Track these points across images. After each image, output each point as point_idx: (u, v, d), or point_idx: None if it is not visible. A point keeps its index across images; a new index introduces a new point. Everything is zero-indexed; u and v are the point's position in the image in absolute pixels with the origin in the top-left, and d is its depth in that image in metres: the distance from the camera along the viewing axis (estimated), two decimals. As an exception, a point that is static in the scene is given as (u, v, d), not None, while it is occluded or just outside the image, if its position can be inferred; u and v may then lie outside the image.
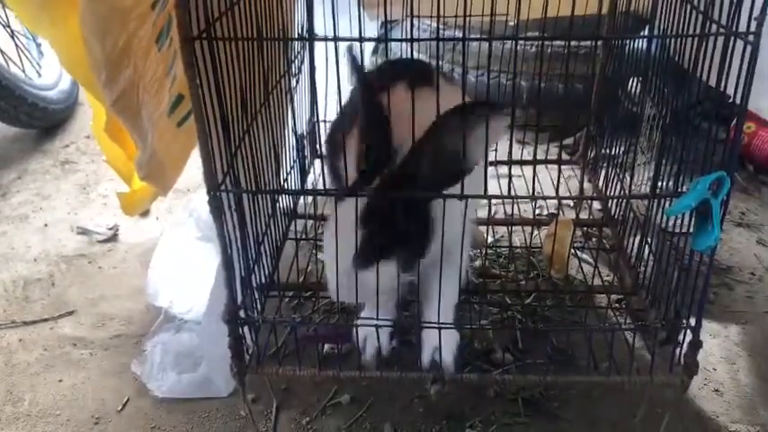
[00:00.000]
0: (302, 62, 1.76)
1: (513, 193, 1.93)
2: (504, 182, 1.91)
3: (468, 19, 1.36)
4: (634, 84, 1.79)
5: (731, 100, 1.04)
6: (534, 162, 1.56)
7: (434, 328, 1.23)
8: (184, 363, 1.54)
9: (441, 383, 1.25)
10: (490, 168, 1.98)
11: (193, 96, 1.05)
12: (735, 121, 1.05)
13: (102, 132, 1.36)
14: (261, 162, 1.32)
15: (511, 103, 2.36)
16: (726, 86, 1.06)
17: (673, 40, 1.35)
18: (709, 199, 1.04)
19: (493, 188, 1.93)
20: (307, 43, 1.81)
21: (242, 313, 1.25)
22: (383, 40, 1.38)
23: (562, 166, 2.15)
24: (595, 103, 1.98)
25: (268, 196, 1.43)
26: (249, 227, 1.28)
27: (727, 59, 1.03)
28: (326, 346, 1.48)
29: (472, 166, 1.05)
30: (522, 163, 2.10)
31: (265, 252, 1.44)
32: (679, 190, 1.14)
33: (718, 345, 1.61)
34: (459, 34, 2.47)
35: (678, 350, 1.24)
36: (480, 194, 1.15)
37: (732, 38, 1.01)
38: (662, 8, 1.41)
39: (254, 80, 1.23)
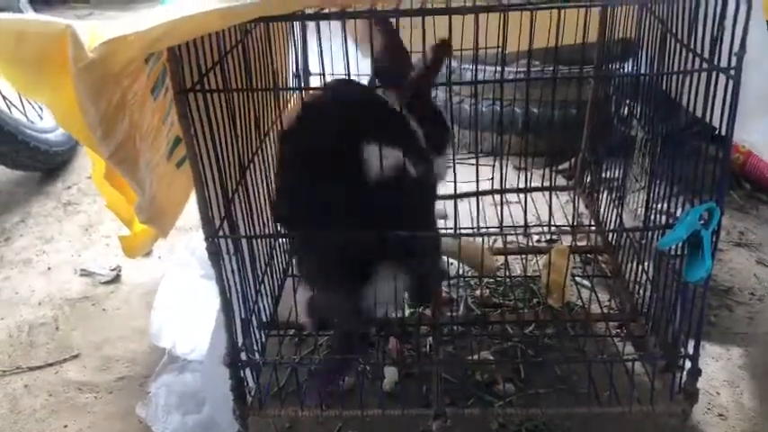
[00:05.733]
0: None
1: (511, 219, 1.95)
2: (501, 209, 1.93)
3: (460, 52, 1.39)
4: (624, 108, 1.81)
5: (717, 132, 1.06)
6: (526, 190, 1.58)
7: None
8: (188, 404, 1.54)
9: (443, 419, 1.26)
10: (488, 197, 2.02)
11: (188, 146, 1.08)
12: (722, 153, 1.07)
13: (102, 179, 1.38)
14: (259, 205, 1.34)
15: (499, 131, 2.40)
16: (711, 118, 1.08)
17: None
18: (700, 230, 1.06)
19: (490, 215, 1.96)
20: (302, 80, 1.85)
21: (243, 356, 1.26)
22: (373, 87, 1.41)
23: (561, 191, 2.17)
24: (588, 129, 2.00)
25: (267, 237, 1.44)
26: (248, 269, 1.30)
27: (711, 93, 1.05)
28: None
29: None
30: (517, 191, 2.12)
31: (265, 292, 1.46)
32: (671, 221, 1.15)
33: (720, 368, 1.61)
34: (454, 64, 2.50)
35: (678, 378, 1.24)
36: (474, 232, 1.18)
37: (714, 72, 1.04)
38: (646, 38, 1.43)
39: (249, 127, 1.26)
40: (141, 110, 1.16)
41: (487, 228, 1.82)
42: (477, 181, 1.68)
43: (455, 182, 1.31)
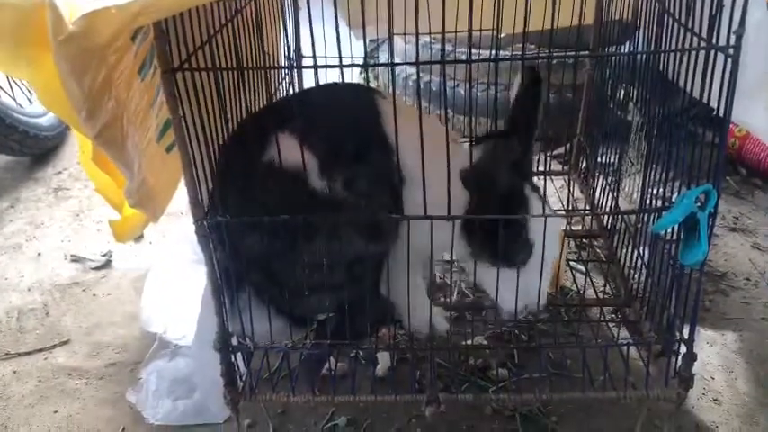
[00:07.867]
0: (290, 84, 1.76)
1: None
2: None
3: (455, 34, 1.37)
4: (621, 92, 1.79)
5: (714, 113, 1.04)
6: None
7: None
8: (179, 389, 1.53)
9: (436, 404, 1.24)
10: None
11: (176, 127, 1.05)
12: (720, 133, 1.05)
13: (90, 162, 1.36)
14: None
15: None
16: (709, 98, 1.06)
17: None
18: (696, 212, 1.04)
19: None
20: (294, 64, 1.82)
21: (233, 340, 1.25)
22: (364, 65, 1.39)
23: (557, 176, 2.16)
24: (584, 113, 1.98)
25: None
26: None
27: (709, 72, 1.03)
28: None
29: None
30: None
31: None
32: (666, 204, 1.14)
33: (715, 353, 1.60)
34: (449, 48, 2.48)
35: (673, 363, 1.23)
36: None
37: (713, 51, 1.01)
38: (644, 18, 1.41)
39: (239, 108, 1.23)
40: (128, 90, 1.14)
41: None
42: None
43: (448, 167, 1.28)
